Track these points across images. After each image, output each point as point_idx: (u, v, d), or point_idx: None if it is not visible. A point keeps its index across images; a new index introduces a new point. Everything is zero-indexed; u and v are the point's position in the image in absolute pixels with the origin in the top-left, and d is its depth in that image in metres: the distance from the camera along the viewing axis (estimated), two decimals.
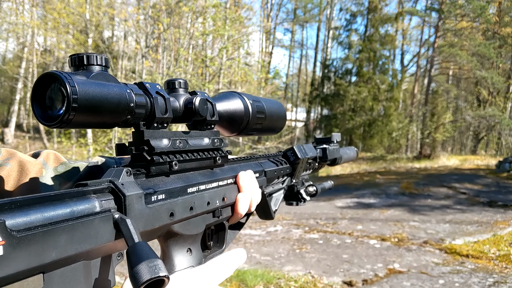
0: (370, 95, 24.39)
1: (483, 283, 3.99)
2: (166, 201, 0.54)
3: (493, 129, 20.95)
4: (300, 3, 30.40)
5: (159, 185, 0.55)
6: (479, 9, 18.54)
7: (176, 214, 0.56)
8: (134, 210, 0.49)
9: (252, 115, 0.78)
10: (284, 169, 0.97)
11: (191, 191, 0.60)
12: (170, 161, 0.57)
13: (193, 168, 0.63)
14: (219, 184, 0.68)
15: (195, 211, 0.60)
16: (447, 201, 8.39)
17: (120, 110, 0.49)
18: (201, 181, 0.63)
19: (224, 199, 0.69)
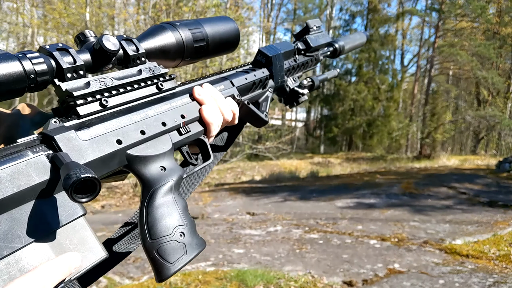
0: (370, 95, 24.40)
1: (483, 283, 3.99)
2: (107, 132, 0.57)
3: (493, 129, 20.95)
4: (300, 3, 30.40)
5: (95, 122, 0.57)
6: (479, 9, 18.54)
7: (124, 140, 0.58)
8: (69, 146, 0.52)
9: (188, 44, 0.76)
10: (258, 74, 0.93)
11: (137, 118, 0.62)
12: (98, 99, 0.59)
13: (134, 99, 0.64)
14: (171, 105, 0.68)
15: (148, 133, 0.62)
16: (447, 201, 8.39)
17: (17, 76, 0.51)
18: (148, 107, 0.64)
19: (183, 116, 0.69)
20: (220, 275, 4.21)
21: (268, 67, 0.96)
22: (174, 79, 0.72)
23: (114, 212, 8.89)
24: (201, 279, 4.11)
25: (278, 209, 8.17)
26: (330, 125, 26.04)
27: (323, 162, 20.49)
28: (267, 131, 19.52)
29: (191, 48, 0.76)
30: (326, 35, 1.20)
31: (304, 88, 1.09)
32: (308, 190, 10.55)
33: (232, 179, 15.71)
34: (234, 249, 5.30)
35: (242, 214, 7.82)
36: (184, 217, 0.65)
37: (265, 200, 9.34)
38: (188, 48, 0.76)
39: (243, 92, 0.88)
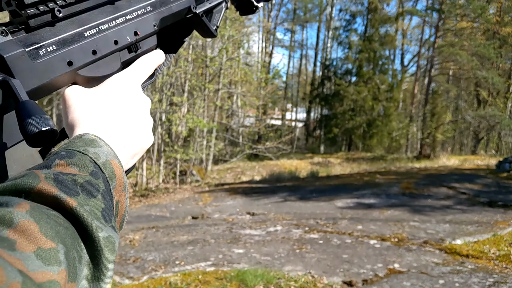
0: (370, 95, 24.41)
1: (483, 283, 3.99)
2: (58, 51, 0.52)
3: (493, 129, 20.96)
4: (300, 3, 30.40)
5: (46, 37, 0.52)
6: (480, 9, 18.54)
7: (75, 61, 0.54)
8: (20, 69, 0.48)
9: None
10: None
11: (90, 33, 0.56)
12: (51, 9, 0.52)
13: (87, 8, 0.58)
14: (126, 18, 0.63)
15: (100, 53, 0.57)
16: (447, 201, 8.39)
17: None
18: (101, 20, 0.59)
19: (137, 33, 0.64)
20: (220, 275, 4.21)
21: None
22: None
23: None
24: (201, 279, 4.10)
25: (278, 209, 8.17)
26: (330, 125, 26.05)
27: (323, 162, 20.49)
28: (267, 131, 19.53)
29: None
30: None
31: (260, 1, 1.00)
32: (308, 190, 10.55)
33: (232, 179, 15.71)
34: (234, 249, 5.30)
35: (242, 214, 7.82)
36: None
37: (265, 200, 9.34)
38: None
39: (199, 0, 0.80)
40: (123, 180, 0.46)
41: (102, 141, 0.47)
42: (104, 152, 0.45)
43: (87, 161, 0.42)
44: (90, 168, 0.42)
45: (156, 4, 0.69)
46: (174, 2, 0.73)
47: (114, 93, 0.55)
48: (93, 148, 0.44)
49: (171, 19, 0.74)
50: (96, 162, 0.43)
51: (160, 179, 12.52)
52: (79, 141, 0.45)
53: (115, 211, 0.44)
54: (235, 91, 18.06)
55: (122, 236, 6.19)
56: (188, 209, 8.80)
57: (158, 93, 12.16)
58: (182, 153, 12.64)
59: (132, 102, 0.56)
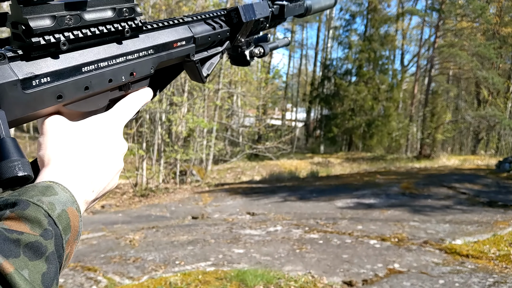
0: (370, 95, 24.41)
1: (483, 283, 3.99)
2: (51, 84, 0.50)
3: (493, 129, 20.96)
4: None
5: (43, 67, 0.50)
6: (480, 9, 18.54)
7: (65, 96, 0.52)
8: (8, 98, 0.46)
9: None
10: (222, 33, 0.85)
11: (88, 69, 0.55)
12: (57, 42, 0.50)
13: (92, 44, 0.56)
14: (127, 58, 0.61)
15: (92, 90, 0.56)
16: (447, 201, 8.39)
17: None
18: (102, 57, 0.57)
19: (133, 74, 0.62)
20: (220, 275, 4.21)
21: (235, 29, 0.88)
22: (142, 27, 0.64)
23: (114, 212, 8.88)
24: (201, 279, 4.10)
25: (278, 209, 8.17)
26: (330, 125, 26.04)
27: (323, 162, 20.49)
28: (267, 131, 19.53)
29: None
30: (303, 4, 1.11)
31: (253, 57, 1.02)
32: (308, 190, 10.55)
33: (232, 179, 15.72)
34: (234, 249, 5.30)
35: (242, 214, 7.82)
36: None
37: (265, 200, 9.34)
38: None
39: (199, 48, 0.80)
40: (77, 229, 0.44)
41: (60, 186, 0.44)
42: (60, 200, 0.43)
43: (41, 214, 0.39)
44: (43, 225, 0.39)
45: (158, 48, 0.68)
46: (176, 48, 0.72)
47: (94, 132, 0.54)
48: (47, 197, 0.41)
49: (167, 63, 0.73)
50: (51, 215, 0.40)
51: (160, 179, 12.52)
52: (33, 189, 0.42)
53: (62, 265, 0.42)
54: (235, 91, 18.05)
55: (122, 236, 6.19)
56: (188, 209, 8.80)
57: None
58: (182, 153, 12.64)
59: (109, 145, 0.55)
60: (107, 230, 6.77)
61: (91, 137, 0.54)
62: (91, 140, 0.53)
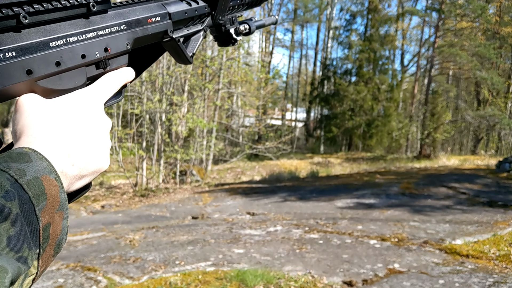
0: (369, 95, 24.41)
1: (483, 283, 3.99)
2: (17, 58, 0.49)
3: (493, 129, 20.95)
4: (300, 3, 30.41)
5: (6, 42, 0.49)
6: (479, 9, 18.54)
7: (35, 71, 0.51)
8: None
9: None
10: (200, 9, 0.83)
11: (56, 44, 0.54)
12: (16, 14, 0.49)
13: (57, 19, 0.55)
14: (97, 33, 0.60)
15: (64, 65, 0.55)
16: (447, 201, 8.39)
17: None
18: (71, 32, 0.56)
19: (107, 49, 0.61)
20: (220, 275, 4.21)
21: (212, 3, 0.86)
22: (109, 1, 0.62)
23: (114, 212, 8.88)
24: (201, 279, 4.10)
25: (278, 209, 8.17)
26: (330, 125, 26.04)
27: (323, 162, 20.49)
28: (267, 131, 19.53)
29: None
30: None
31: (239, 34, 0.99)
32: (308, 190, 10.55)
33: (232, 179, 15.72)
34: (234, 249, 5.30)
35: (242, 214, 7.82)
36: None
37: (265, 200, 9.34)
38: None
39: (177, 25, 0.78)
40: (58, 199, 0.42)
41: (37, 154, 0.43)
42: (34, 168, 0.41)
43: (4, 179, 0.37)
44: (5, 187, 0.37)
45: (131, 24, 0.66)
46: (150, 24, 0.71)
47: (71, 106, 0.53)
48: (19, 164, 0.40)
49: (145, 40, 0.71)
50: (17, 180, 0.38)
51: (160, 179, 12.52)
52: (5, 156, 0.40)
53: (42, 235, 0.39)
54: (235, 91, 18.05)
55: (122, 236, 6.19)
56: (188, 209, 8.80)
57: (158, 93, 12.16)
58: (182, 153, 12.64)
59: (89, 119, 0.53)
60: (107, 230, 6.77)
61: (69, 110, 0.52)
62: (69, 113, 0.52)
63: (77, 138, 0.50)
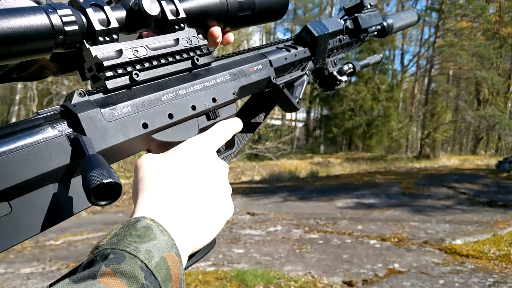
0: (369, 95, 24.42)
1: (483, 283, 3.99)
2: (134, 113, 0.52)
3: (493, 129, 20.96)
4: (300, 2, 30.41)
5: (122, 99, 0.52)
6: (479, 9, 18.55)
7: (150, 124, 0.53)
8: (93, 128, 0.47)
9: (232, 7, 0.67)
10: (299, 53, 0.84)
11: (167, 98, 0.56)
12: (129, 72, 0.53)
13: (166, 74, 0.59)
14: (204, 85, 0.62)
15: (176, 117, 0.57)
16: (447, 201, 8.39)
17: (44, 33, 0.45)
18: (179, 85, 0.59)
19: (215, 99, 0.63)
20: (220, 275, 4.21)
21: (311, 47, 0.88)
22: (212, 53, 0.65)
23: (114, 212, 8.88)
24: (201, 279, 4.10)
25: (278, 209, 8.17)
26: (330, 125, 26.05)
27: (323, 162, 20.49)
28: (267, 131, 19.54)
29: (235, 13, 0.68)
30: (378, 15, 1.10)
31: (343, 74, 1.01)
32: (308, 190, 10.55)
33: (232, 179, 15.72)
34: (234, 249, 5.30)
35: (242, 214, 7.82)
36: None
37: (265, 200, 9.34)
38: (232, 12, 0.67)
39: (280, 72, 0.80)
40: (179, 276, 0.42)
41: (159, 227, 0.43)
42: (159, 246, 0.41)
43: (137, 268, 0.38)
44: (140, 279, 0.37)
45: (235, 73, 0.68)
46: (253, 73, 0.72)
47: (184, 158, 0.53)
48: (146, 243, 0.40)
49: (250, 88, 0.72)
50: (148, 266, 0.39)
51: None
52: (131, 233, 0.41)
53: None
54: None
55: None
56: None
57: None
58: None
59: (204, 169, 0.53)
60: (107, 230, 6.76)
61: (182, 161, 0.53)
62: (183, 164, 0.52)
63: (198, 197, 0.51)
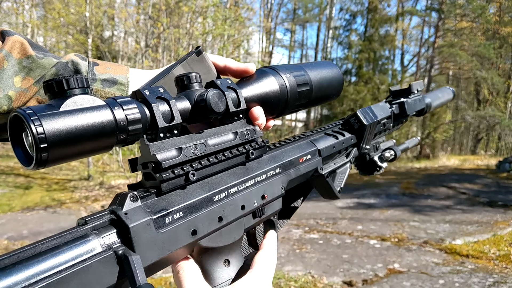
0: (369, 95, 24.41)
1: (483, 283, 3.99)
2: (185, 219, 0.49)
3: (493, 129, 20.95)
4: (300, 3, 30.41)
5: (175, 202, 0.49)
6: (479, 9, 18.54)
7: (200, 230, 0.50)
8: (143, 241, 0.44)
9: (292, 92, 0.67)
10: (346, 141, 0.84)
11: (219, 198, 0.53)
12: (185, 172, 0.50)
13: (219, 171, 0.55)
14: (255, 181, 0.59)
15: (225, 220, 0.53)
16: (447, 201, 8.39)
17: (107, 133, 0.43)
18: (231, 183, 0.55)
19: (264, 196, 0.60)
20: None
21: (358, 134, 0.87)
22: (266, 146, 0.63)
23: None
24: None
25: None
26: None
27: None
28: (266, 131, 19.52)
29: (293, 103, 0.67)
30: (422, 99, 1.12)
31: (384, 161, 1.00)
32: None
33: None
34: None
35: None
36: None
37: None
38: (291, 102, 0.67)
39: (325, 160, 0.79)
40: None
41: None
42: None
43: None
44: None
45: (285, 166, 0.66)
46: (302, 164, 0.71)
47: None
48: None
49: (297, 181, 0.70)
50: None
51: None
52: None
53: None
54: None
55: None
56: None
57: None
58: None
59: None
60: None
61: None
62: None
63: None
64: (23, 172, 12.58)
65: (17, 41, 0.61)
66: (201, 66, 0.62)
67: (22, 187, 10.78)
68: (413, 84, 1.09)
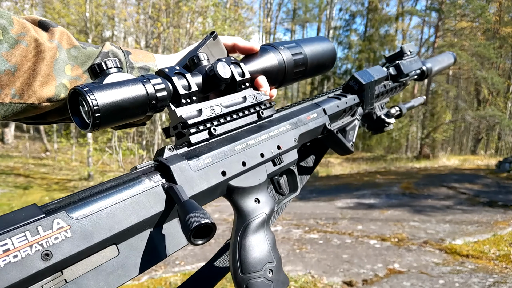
0: None
1: (483, 283, 3.99)
2: (214, 163, 0.60)
3: (493, 129, 20.95)
4: (300, 2, 30.41)
5: (203, 151, 0.61)
6: (479, 9, 18.54)
7: (228, 171, 0.62)
8: (183, 178, 0.56)
9: (289, 65, 0.78)
10: (349, 100, 0.95)
11: (240, 148, 0.65)
12: (208, 127, 0.63)
13: (237, 127, 0.68)
14: (269, 135, 0.71)
15: (248, 164, 0.65)
16: (447, 201, 8.39)
17: (141, 100, 0.55)
18: (249, 136, 0.68)
19: (279, 147, 0.72)
20: None
21: (359, 94, 0.98)
22: (273, 107, 0.75)
23: None
24: None
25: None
26: None
27: (323, 162, 20.50)
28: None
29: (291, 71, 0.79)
30: (418, 60, 1.20)
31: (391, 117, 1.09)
32: (308, 190, 10.55)
33: None
34: None
35: None
36: (274, 253, 0.71)
37: None
38: (289, 70, 0.79)
39: (333, 119, 0.89)
40: None
41: None
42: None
43: None
44: None
45: (294, 123, 0.78)
46: (310, 121, 0.82)
47: None
48: None
49: (309, 135, 0.82)
50: None
51: None
52: None
53: None
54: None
55: None
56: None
57: None
58: None
59: None
60: None
61: None
62: None
63: None
64: (23, 172, 12.58)
65: (64, 32, 0.69)
66: (217, 48, 0.74)
67: (22, 187, 10.78)
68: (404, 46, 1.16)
